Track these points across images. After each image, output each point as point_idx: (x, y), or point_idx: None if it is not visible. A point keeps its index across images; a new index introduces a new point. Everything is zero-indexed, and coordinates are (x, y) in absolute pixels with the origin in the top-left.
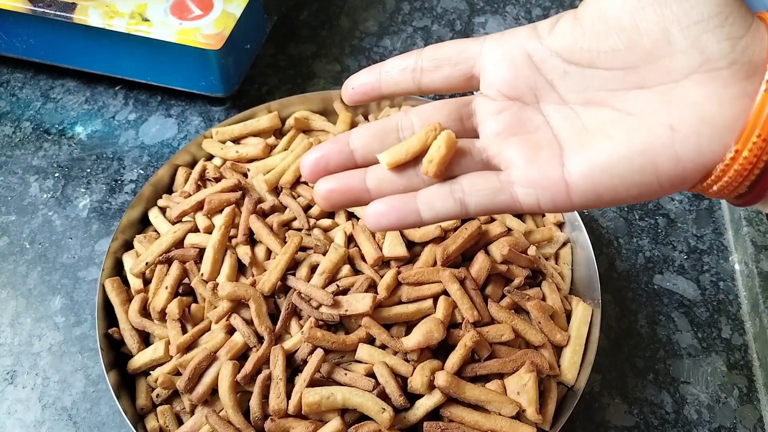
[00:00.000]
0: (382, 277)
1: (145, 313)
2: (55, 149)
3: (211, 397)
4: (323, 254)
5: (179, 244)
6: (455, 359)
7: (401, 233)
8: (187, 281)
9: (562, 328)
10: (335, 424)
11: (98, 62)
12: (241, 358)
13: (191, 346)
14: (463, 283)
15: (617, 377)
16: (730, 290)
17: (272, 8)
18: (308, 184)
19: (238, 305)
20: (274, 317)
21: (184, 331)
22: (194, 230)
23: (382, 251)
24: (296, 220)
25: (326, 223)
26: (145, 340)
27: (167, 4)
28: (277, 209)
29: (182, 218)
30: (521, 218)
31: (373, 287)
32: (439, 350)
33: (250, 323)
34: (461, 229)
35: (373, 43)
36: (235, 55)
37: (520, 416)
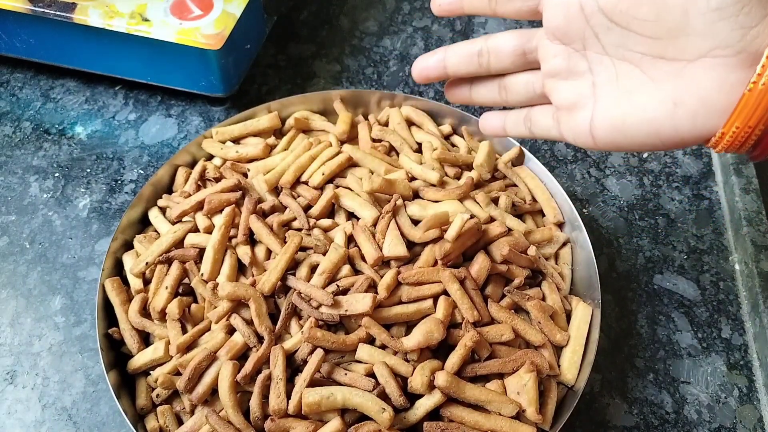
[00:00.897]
0: (382, 277)
1: (145, 313)
2: (55, 149)
3: (211, 397)
4: (323, 254)
5: (179, 244)
6: (455, 359)
7: (401, 233)
8: (187, 281)
9: (562, 328)
10: (335, 424)
11: (98, 62)
12: (241, 358)
13: (191, 346)
14: (463, 283)
15: (617, 377)
16: (730, 290)
17: (272, 8)
18: (307, 183)
19: (238, 305)
20: (274, 317)
21: (184, 331)
22: (194, 230)
23: (382, 251)
24: (296, 220)
25: (326, 223)
26: (145, 340)
27: (167, 4)
28: (277, 209)
29: (182, 218)
30: (521, 218)
31: (373, 287)
32: (439, 350)
33: (250, 323)
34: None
35: (373, 43)
36: (235, 55)
37: (520, 416)
